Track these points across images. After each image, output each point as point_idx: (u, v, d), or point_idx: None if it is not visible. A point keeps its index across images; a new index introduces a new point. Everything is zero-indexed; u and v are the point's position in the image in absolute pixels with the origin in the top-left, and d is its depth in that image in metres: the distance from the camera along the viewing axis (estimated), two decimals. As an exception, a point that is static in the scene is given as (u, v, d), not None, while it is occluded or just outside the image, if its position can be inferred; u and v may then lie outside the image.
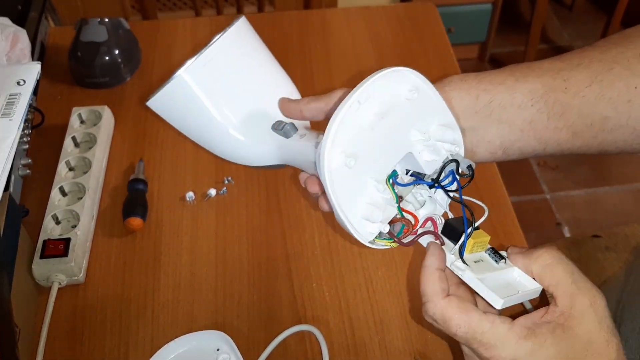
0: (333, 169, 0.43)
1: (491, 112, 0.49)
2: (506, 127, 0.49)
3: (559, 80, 0.48)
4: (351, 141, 0.44)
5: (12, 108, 0.65)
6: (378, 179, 0.45)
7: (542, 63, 0.50)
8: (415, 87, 0.46)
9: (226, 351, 0.59)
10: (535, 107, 0.48)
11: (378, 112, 0.44)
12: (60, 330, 0.62)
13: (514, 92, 0.48)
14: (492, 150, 0.50)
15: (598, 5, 2.39)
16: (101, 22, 0.83)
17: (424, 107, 0.47)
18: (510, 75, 0.49)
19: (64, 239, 0.65)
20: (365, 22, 0.97)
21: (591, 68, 0.48)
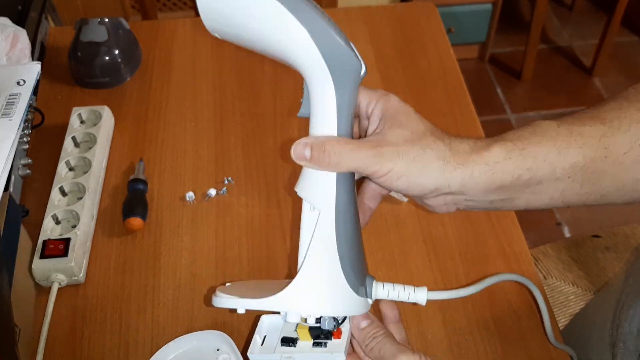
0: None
1: (528, 186, 0.46)
2: (537, 196, 0.47)
3: (601, 150, 0.46)
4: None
5: (12, 108, 0.65)
6: None
7: (583, 125, 0.46)
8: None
9: (226, 351, 0.59)
10: (572, 178, 0.46)
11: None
12: (60, 330, 0.62)
13: (555, 168, 0.46)
14: (513, 209, 0.52)
15: (598, 5, 2.39)
16: (101, 22, 0.83)
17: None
18: (553, 147, 0.46)
19: (64, 239, 0.65)
20: (365, 22, 0.97)
21: (630, 132, 0.46)
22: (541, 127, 0.46)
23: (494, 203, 0.48)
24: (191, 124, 0.82)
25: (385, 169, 0.44)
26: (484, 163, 0.45)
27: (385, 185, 0.46)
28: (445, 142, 0.45)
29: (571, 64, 2.19)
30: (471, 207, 0.49)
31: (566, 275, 0.82)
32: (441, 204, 0.48)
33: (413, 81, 0.88)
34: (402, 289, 0.50)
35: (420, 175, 0.45)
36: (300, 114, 0.47)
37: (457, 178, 0.45)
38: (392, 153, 0.44)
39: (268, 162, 0.77)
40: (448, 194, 0.46)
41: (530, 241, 0.72)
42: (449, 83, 0.88)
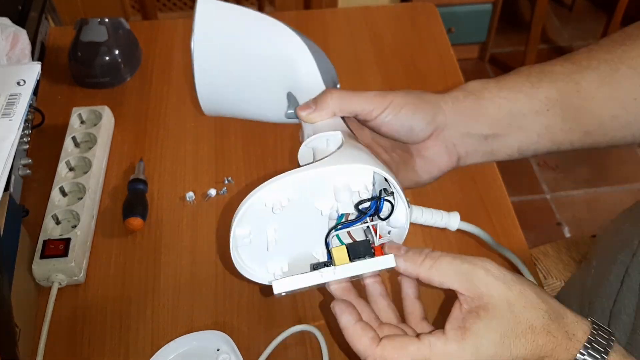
0: (272, 279, 0.46)
1: (511, 120, 0.51)
2: (524, 133, 0.52)
3: (572, 84, 0.50)
4: (268, 262, 0.47)
5: (12, 108, 0.65)
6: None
7: (554, 66, 0.52)
8: (280, 199, 0.43)
9: (226, 351, 0.59)
10: (551, 111, 0.51)
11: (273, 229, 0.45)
12: (60, 331, 0.62)
13: (532, 99, 0.51)
14: (510, 153, 0.53)
15: (598, 5, 2.39)
16: (101, 22, 0.83)
17: (306, 192, 0.44)
18: (526, 81, 0.51)
19: (64, 239, 0.65)
20: (365, 22, 0.97)
21: (599, 70, 0.50)
22: (517, 70, 0.52)
23: (489, 141, 0.52)
24: (191, 124, 0.82)
25: (387, 100, 0.49)
26: (463, 90, 0.51)
27: (387, 123, 0.49)
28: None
29: (571, 64, 2.19)
30: (472, 152, 0.52)
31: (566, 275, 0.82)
32: (442, 150, 0.52)
33: (413, 81, 0.88)
34: (435, 212, 0.49)
35: (420, 101, 0.50)
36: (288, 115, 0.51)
37: (447, 102, 0.51)
38: (389, 92, 0.49)
39: (268, 162, 0.77)
40: (444, 126, 0.50)
41: (530, 241, 0.72)
42: (449, 83, 0.88)
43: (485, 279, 0.41)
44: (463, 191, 0.75)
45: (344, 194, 0.43)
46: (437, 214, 0.50)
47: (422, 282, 0.44)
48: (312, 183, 0.44)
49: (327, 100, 0.49)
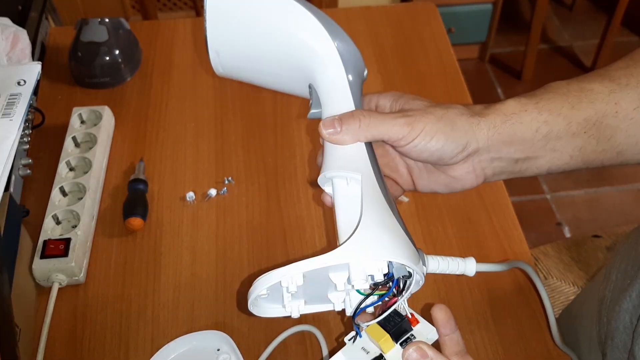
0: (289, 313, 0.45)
1: (547, 143, 0.49)
2: (557, 154, 0.50)
3: (611, 105, 0.49)
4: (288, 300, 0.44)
5: (13, 108, 0.65)
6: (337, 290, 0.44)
7: (592, 83, 0.50)
8: (298, 281, 0.42)
9: (226, 351, 0.59)
10: (588, 133, 0.49)
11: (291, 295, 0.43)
12: (60, 331, 0.62)
13: (570, 122, 0.49)
14: (538, 173, 0.51)
15: (598, 5, 2.39)
16: (101, 22, 0.83)
17: (318, 281, 0.43)
18: (565, 101, 0.49)
19: (64, 239, 0.65)
20: (365, 22, 0.97)
21: (638, 88, 0.49)
22: (552, 86, 0.50)
23: (519, 163, 0.50)
24: (191, 124, 0.82)
25: (417, 129, 0.46)
26: (502, 114, 0.48)
27: (418, 150, 0.47)
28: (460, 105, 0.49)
29: (571, 64, 2.19)
30: (499, 173, 0.51)
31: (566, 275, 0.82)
32: (469, 171, 0.50)
33: (413, 81, 0.88)
34: (451, 260, 0.48)
35: (452, 130, 0.47)
36: (310, 115, 0.48)
37: (482, 129, 0.47)
38: (420, 115, 0.46)
39: (268, 162, 0.77)
40: (475, 152, 0.48)
41: (530, 241, 0.72)
42: (449, 83, 0.88)
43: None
44: (463, 191, 0.75)
45: (360, 281, 0.41)
46: (453, 263, 0.48)
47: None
48: (323, 274, 0.43)
49: (354, 125, 0.46)
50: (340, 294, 0.44)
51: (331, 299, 0.45)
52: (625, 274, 0.58)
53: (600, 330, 0.61)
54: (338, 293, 0.44)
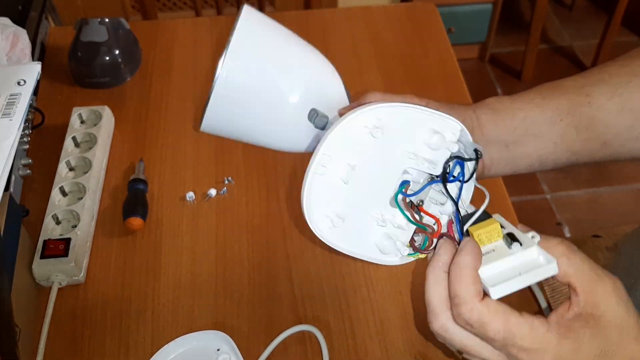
0: (325, 233, 0.44)
1: (527, 128, 0.53)
2: (541, 140, 0.53)
3: (583, 96, 0.52)
4: (331, 202, 0.44)
5: (13, 108, 0.65)
6: (382, 207, 0.45)
7: (565, 81, 0.54)
8: (378, 124, 0.43)
9: (226, 351, 0.59)
10: (564, 121, 0.52)
11: (349, 164, 0.44)
12: (60, 330, 0.62)
13: (543, 109, 0.53)
14: (530, 163, 0.54)
15: (598, 5, 2.39)
16: (101, 22, 0.83)
17: (400, 129, 0.45)
18: (538, 94, 0.54)
19: (64, 239, 0.65)
20: (365, 22, 0.97)
21: (611, 82, 0.52)
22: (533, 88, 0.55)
23: (510, 149, 0.53)
24: (191, 124, 0.82)
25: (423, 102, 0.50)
26: (483, 104, 0.54)
27: None
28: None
29: (571, 64, 2.19)
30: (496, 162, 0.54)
31: (566, 275, 0.82)
32: None
33: (413, 81, 0.88)
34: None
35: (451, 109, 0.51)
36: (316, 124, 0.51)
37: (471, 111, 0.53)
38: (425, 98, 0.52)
39: (268, 162, 0.77)
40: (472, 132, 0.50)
41: (530, 241, 0.71)
42: (449, 83, 0.88)
43: (610, 293, 0.40)
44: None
45: (437, 139, 0.44)
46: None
47: None
48: (410, 124, 0.44)
49: (369, 98, 0.50)
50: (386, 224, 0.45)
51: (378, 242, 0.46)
52: (629, 274, 0.58)
53: None
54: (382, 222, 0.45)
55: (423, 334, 0.62)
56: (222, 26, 0.97)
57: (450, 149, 0.45)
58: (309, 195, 0.43)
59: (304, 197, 0.43)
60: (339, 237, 0.45)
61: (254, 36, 0.49)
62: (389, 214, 0.46)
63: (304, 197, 0.43)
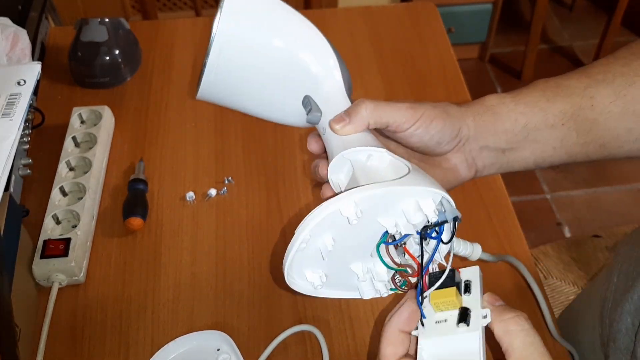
0: (312, 293, 0.45)
1: (527, 134, 0.51)
2: (540, 146, 0.52)
3: (586, 99, 0.51)
4: (312, 268, 0.44)
5: (13, 108, 0.65)
6: (363, 259, 0.46)
7: (569, 80, 0.52)
8: (356, 211, 0.41)
9: (226, 351, 0.59)
10: (566, 125, 0.51)
11: (331, 238, 0.43)
12: (60, 330, 0.62)
13: (547, 113, 0.51)
14: (525, 166, 0.54)
15: (598, 5, 2.39)
16: (101, 22, 0.83)
17: (378, 208, 0.43)
18: (542, 96, 0.52)
19: (64, 239, 0.65)
20: (365, 22, 0.97)
21: (615, 83, 0.51)
22: (534, 83, 0.53)
23: (506, 154, 0.52)
24: (191, 124, 0.82)
25: (419, 112, 0.48)
26: (482, 105, 0.52)
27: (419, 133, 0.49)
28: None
29: (571, 64, 2.19)
30: (489, 165, 0.53)
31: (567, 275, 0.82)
32: (462, 161, 0.52)
33: (413, 81, 0.88)
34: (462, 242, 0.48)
35: (447, 115, 0.50)
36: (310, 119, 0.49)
37: (469, 117, 0.51)
38: (418, 103, 0.49)
39: (268, 162, 0.77)
40: (467, 140, 0.51)
41: (530, 241, 0.72)
42: (449, 83, 0.88)
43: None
44: (464, 191, 0.75)
45: (416, 215, 0.42)
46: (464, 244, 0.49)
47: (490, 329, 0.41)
48: (390, 199, 0.42)
49: (361, 111, 0.47)
50: (365, 279, 0.46)
51: (359, 285, 0.46)
52: (627, 276, 0.58)
53: (602, 332, 0.61)
54: (363, 277, 0.46)
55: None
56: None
57: (429, 218, 0.43)
58: (291, 269, 0.44)
59: (286, 272, 0.44)
60: (322, 291, 0.46)
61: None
62: (370, 263, 0.46)
63: (285, 271, 0.43)
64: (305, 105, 0.49)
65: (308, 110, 0.49)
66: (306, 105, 0.49)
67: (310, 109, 0.49)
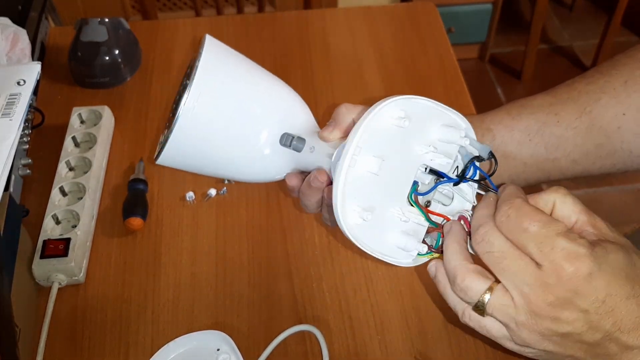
0: (352, 227, 0.44)
1: (496, 149, 0.52)
2: (511, 161, 0.53)
3: (551, 115, 0.52)
4: (361, 196, 0.44)
5: (13, 108, 0.65)
6: (401, 205, 0.46)
7: (534, 99, 0.53)
8: (403, 115, 0.45)
9: (226, 351, 0.59)
10: (533, 142, 0.52)
11: (377, 155, 0.44)
12: (60, 330, 0.62)
13: (512, 130, 0.52)
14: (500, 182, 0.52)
15: (598, 5, 2.39)
16: (101, 22, 0.83)
17: (420, 122, 0.46)
18: (507, 114, 0.53)
19: (64, 239, 0.65)
20: (365, 22, 0.97)
21: (580, 100, 0.51)
22: (501, 107, 0.55)
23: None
24: (191, 124, 0.82)
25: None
26: None
27: None
28: None
29: (571, 64, 2.19)
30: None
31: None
32: None
33: (413, 81, 0.88)
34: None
35: None
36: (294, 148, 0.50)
37: None
38: None
39: (268, 162, 0.77)
40: None
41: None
42: (449, 83, 0.88)
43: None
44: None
45: (450, 132, 0.45)
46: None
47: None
48: (426, 113, 0.46)
49: (341, 110, 0.49)
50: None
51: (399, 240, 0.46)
52: None
53: None
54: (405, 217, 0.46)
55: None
56: (222, 26, 0.97)
57: (461, 143, 0.46)
58: (344, 189, 0.43)
59: (338, 192, 0.43)
60: (364, 232, 0.45)
61: (219, 69, 0.48)
62: (407, 211, 0.46)
63: (337, 192, 0.43)
64: (286, 141, 0.50)
65: (290, 142, 0.49)
66: (286, 140, 0.50)
67: (292, 140, 0.49)
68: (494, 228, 0.39)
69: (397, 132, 0.45)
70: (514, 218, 0.39)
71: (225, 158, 0.50)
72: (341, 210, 0.44)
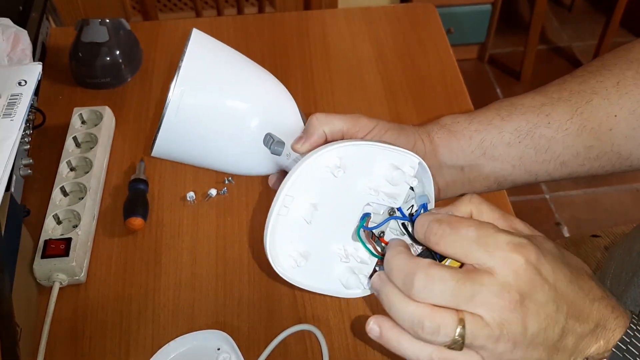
0: (287, 269, 0.44)
1: (484, 151, 0.51)
2: (499, 163, 0.52)
3: (542, 116, 0.51)
4: (297, 240, 0.44)
5: (14, 108, 0.65)
6: (345, 244, 0.45)
7: (524, 99, 0.52)
8: (337, 164, 0.43)
9: (227, 350, 0.59)
10: (523, 143, 0.51)
11: (311, 203, 0.44)
12: (61, 330, 0.62)
13: (502, 131, 0.51)
14: (488, 185, 0.53)
15: (597, 5, 2.40)
16: (102, 22, 0.83)
17: (364, 164, 0.44)
18: (496, 115, 0.52)
19: (65, 238, 0.65)
20: (365, 22, 0.97)
21: (571, 101, 0.50)
22: (488, 105, 0.53)
23: (465, 172, 0.52)
24: (191, 124, 0.82)
25: (373, 122, 0.48)
26: (437, 124, 0.52)
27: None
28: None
29: (570, 64, 2.19)
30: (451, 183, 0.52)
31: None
32: None
33: (413, 81, 0.89)
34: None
35: (402, 129, 0.50)
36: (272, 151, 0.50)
37: (423, 134, 0.51)
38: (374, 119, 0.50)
39: (268, 162, 0.78)
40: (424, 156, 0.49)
41: (529, 241, 0.72)
42: (449, 83, 0.88)
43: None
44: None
45: (397, 175, 0.44)
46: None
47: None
48: (369, 157, 0.44)
49: (313, 121, 0.48)
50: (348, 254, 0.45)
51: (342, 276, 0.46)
52: (620, 280, 0.58)
53: None
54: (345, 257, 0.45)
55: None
56: (222, 27, 0.97)
57: (409, 182, 0.45)
58: (273, 236, 0.44)
59: (267, 238, 0.43)
60: (303, 276, 0.45)
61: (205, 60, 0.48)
62: (351, 248, 0.46)
63: (267, 238, 0.43)
64: (267, 142, 0.49)
65: (270, 144, 0.49)
66: (267, 141, 0.49)
67: (272, 143, 0.49)
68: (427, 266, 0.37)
69: (334, 180, 0.44)
70: (448, 231, 0.37)
71: (216, 148, 0.50)
72: (272, 257, 0.44)
